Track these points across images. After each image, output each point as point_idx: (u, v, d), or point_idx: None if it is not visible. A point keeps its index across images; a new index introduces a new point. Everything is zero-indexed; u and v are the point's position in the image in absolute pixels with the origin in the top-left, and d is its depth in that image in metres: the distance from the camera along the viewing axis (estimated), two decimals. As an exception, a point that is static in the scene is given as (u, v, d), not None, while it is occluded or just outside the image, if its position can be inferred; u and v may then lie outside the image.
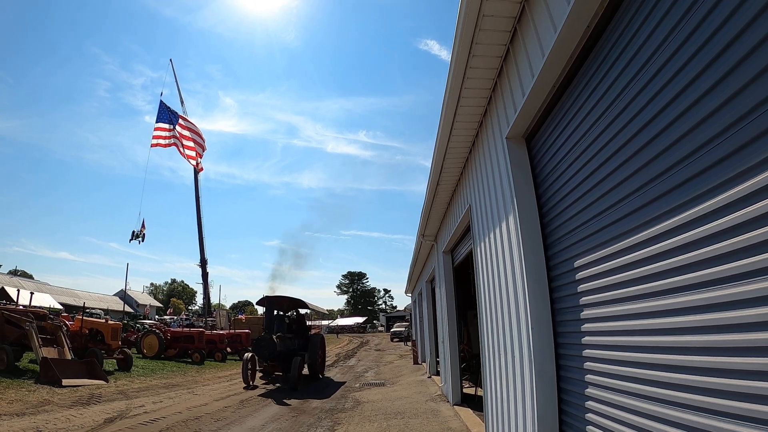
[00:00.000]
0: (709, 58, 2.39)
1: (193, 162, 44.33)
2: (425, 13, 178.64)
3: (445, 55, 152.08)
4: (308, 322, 22.09)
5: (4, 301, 23.94)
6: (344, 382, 17.93)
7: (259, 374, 17.12)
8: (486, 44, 4.92)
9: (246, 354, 17.03)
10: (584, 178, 3.93)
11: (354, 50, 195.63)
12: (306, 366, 18.31)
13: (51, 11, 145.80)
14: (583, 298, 4.00)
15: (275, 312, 18.54)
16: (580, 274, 4.08)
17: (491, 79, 5.58)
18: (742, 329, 2.24)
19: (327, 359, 31.29)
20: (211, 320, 48.96)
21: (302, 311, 21.92)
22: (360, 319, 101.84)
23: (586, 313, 3.96)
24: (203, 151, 43.60)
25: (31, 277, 78.35)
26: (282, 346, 16.49)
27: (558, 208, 4.54)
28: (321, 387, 16.53)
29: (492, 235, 6.27)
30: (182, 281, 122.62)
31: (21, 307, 16.69)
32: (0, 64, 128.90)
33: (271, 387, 16.11)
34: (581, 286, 4.04)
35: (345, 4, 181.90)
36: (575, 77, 4.03)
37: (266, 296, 18.20)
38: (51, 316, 15.65)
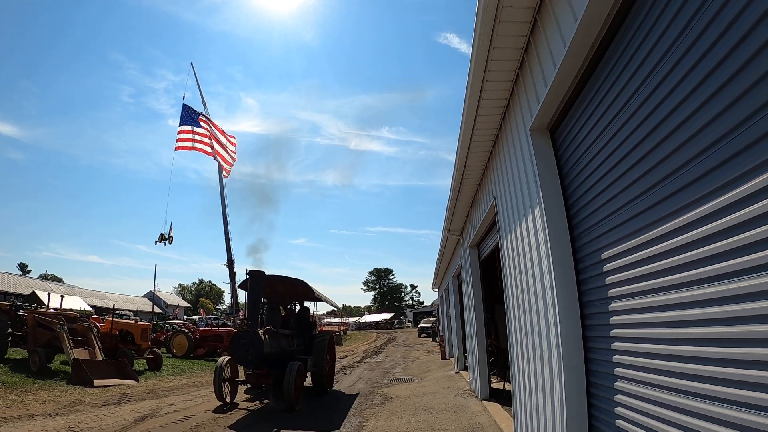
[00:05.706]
0: (737, 38, 2.32)
1: (226, 166, 43.68)
2: (443, 6, 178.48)
3: (464, 48, 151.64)
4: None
5: (36, 305, 24.45)
6: (357, 394, 13.93)
7: (243, 386, 12.37)
8: (506, 36, 4.87)
9: (221, 358, 12.08)
10: (610, 168, 3.86)
11: (373, 46, 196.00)
12: (309, 375, 13.60)
13: (72, 20, 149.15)
14: (612, 290, 3.94)
15: (262, 299, 13.23)
16: (608, 265, 4.01)
17: (513, 71, 5.52)
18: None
19: (354, 356, 31.04)
20: (240, 320, 49.43)
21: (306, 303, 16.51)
22: (387, 315, 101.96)
23: (615, 305, 3.89)
24: (232, 159, 42.97)
25: (61, 280, 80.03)
26: (273, 345, 11.74)
27: (584, 199, 4.48)
28: (328, 405, 12.19)
29: (518, 229, 6.21)
30: (210, 281, 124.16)
31: (52, 310, 17.04)
32: (26, 75, 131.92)
33: (257, 405, 11.95)
34: (609, 277, 3.98)
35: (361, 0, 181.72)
36: (597, 66, 3.96)
37: (251, 271, 12.14)
38: (81, 319, 15.99)
